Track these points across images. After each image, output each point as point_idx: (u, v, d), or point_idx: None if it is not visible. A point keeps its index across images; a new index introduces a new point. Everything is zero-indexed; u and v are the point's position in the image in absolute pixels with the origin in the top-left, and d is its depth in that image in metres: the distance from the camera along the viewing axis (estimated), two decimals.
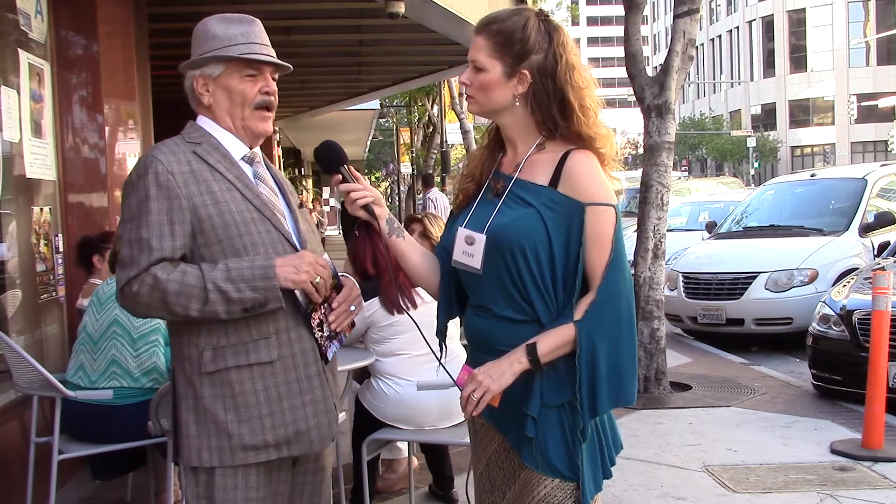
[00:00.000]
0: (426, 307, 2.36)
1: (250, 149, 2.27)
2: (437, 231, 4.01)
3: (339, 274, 2.30)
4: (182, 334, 2.16)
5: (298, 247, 2.23)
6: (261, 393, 2.13)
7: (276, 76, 2.29)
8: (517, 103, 2.10)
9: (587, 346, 2.00)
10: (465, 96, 2.18)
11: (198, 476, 2.15)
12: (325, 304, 2.21)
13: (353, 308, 2.28)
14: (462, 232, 2.13)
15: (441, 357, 2.26)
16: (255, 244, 2.14)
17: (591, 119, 2.10)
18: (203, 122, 2.26)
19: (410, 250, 2.25)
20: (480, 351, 2.14)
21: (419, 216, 4.25)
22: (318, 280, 2.14)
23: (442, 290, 2.24)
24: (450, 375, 2.21)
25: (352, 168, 2.23)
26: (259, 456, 2.13)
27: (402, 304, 3.74)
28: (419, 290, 3.68)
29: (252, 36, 2.22)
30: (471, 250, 2.10)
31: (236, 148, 2.24)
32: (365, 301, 3.81)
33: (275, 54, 2.26)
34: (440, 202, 15.33)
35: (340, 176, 2.20)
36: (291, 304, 2.16)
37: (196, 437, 2.13)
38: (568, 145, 2.10)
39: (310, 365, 2.20)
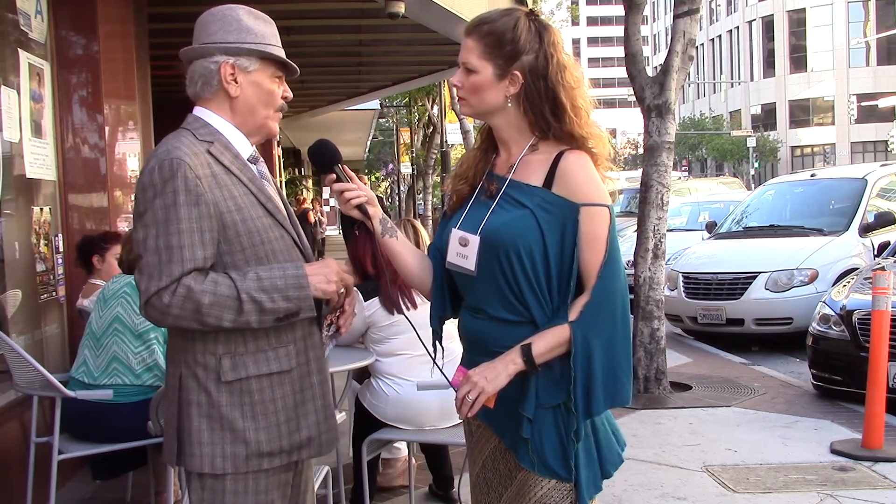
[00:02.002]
0: (426, 308, 2.36)
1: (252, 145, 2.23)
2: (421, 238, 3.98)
3: None
4: (195, 341, 2.08)
5: (305, 250, 2.21)
6: (279, 401, 2.12)
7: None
8: (509, 104, 2.10)
9: (582, 347, 2.00)
10: (457, 98, 2.18)
11: (204, 481, 2.10)
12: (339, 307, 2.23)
13: (356, 311, 2.30)
14: (456, 233, 2.13)
15: (438, 357, 2.26)
16: (276, 251, 2.11)
17: (584, 119, 2.09)
18: (206, 115, 2.15)
19: (404, 251, 2.24)
20: (475, 352, 2.14)
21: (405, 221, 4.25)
22: (343, 290, 2.14)
23: (434, 290, 2.25)
24: (445, 376, 2.20)
25: (346, 167, 2.21)
26: (273, 462, 2.12)
27: (401, 304, 3.74)
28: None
29: (278, 38, 2.21)
30: (465, 252, 2.10)
31: (243, 147, 2.18)
32: (365, 301, 3.82)
33: None
34: None
35: (334, 175, 2.19)
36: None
37: (209, 445, 2.07)
38: (561, 146, 2.10)
39: (322, 371, 2.21)
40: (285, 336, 2.12)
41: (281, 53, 2.18)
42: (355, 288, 2.33)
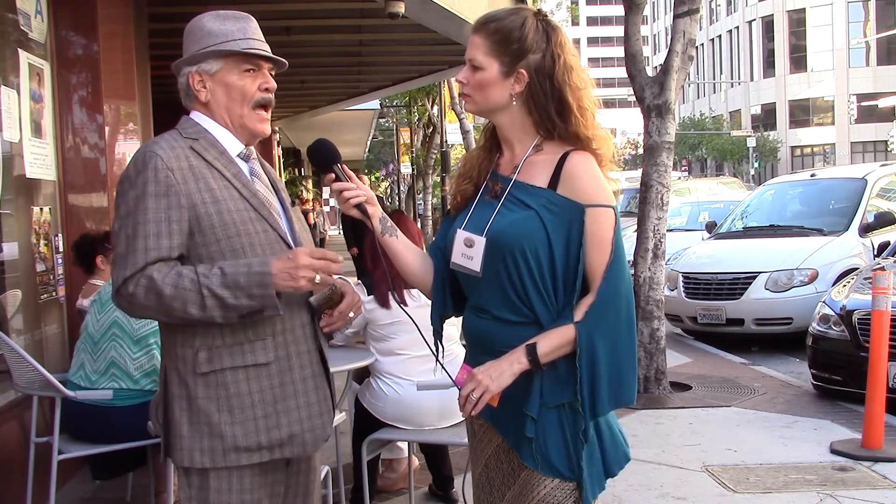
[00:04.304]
0: (426, 310, 2.35)
1: (246, 146, 2.25)
2: None
3: (339, 278, 2.28)
4: (176, 334, 2.12)
5: (293, 246, 2.20)
6: (256, 394, 2.11)
7: (273, 73, 2.26)
8: (514, 103, 2.10)
9: (587, 347, 2.00)
10: (462, 95, 2.17)
11: (191, 478, 2.12)
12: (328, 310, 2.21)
13: (351, 314, 2.27)
14: (461, 234, 2.13)
15: (438, 356, 2.26)
16: (253, 244, 2.11)
17: (589, 120, 2.10)
18: (198, 117, 2.21)
19: (404, 250, 2.24)
20: (479, 352, 2.14)
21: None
22: (317, 279, 2.09)
23: (435, 289, 2.24)
24: (449, 375, 2.21)
25: (345, 167, 2.21)
26: (252, 458, 2.11)
27: (390, 299, 3.74)
28: (415, 290, 3.69)
29: (249, 32, 2.20)
30: (470, 252, 2.10)
31: (233, 145, 2.21)
32: (368, 296, 3.83)
33: (270, 51, 2.25)
34: None
35: (333, 174, 2.19)
36: (289, 306, 2.14)
37: (189, 438, 2.09)
38: (565, 146, 2.10)
39: (305, 367, 2.19)
40: (263, 329, 2.12)
41: (244, 46, 2.17)
42: (360, 282, 2.32)
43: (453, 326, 3.63)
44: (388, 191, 49.30)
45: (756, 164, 49.62)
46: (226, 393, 2.09)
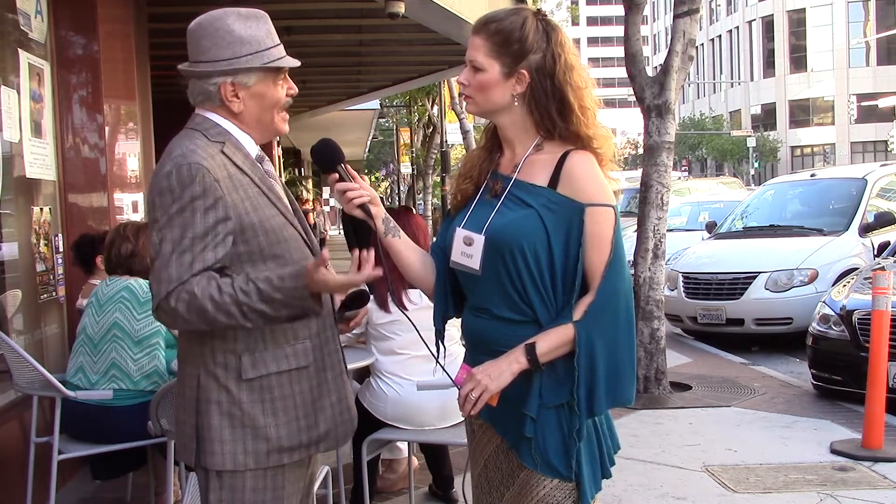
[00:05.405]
0: (426, 311, 2.36)
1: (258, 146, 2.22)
2: None
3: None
4: (215, 340, 2.10)
5: (312, 246, 2.22)
6: (297, 396, 2.14)
7: None
8: (515, 103, 2.10)
9: (586, 347, 2.00)
10: (463, 96, 2.17)
11: (223, 480, 2.10)
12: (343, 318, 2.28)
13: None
14: (460, 232, 2.13)
15: (438, 356, 2.26)
16: (290, 250, 2.13)
17: (590, 119, 2.10)
18: (218, 119, 2.14)
19: (406, 250, 2.24)
20: (479, 352, 2.14)
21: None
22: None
23: (437, 289, 2.24)
24: (448, 375, 2.21)
25: (349, 167, 2.21)
26: (293, 456, 2.14)
27: (389, 303, 3.74)
28: (416, 292, 3.70)
29: (274, 35, 2.17)
30: (469, 251, 2.10)
31: (252, 148, 2.18)
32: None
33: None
34: None
35: (337, 174, 2.19)
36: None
37: (231, 442, 2.08)
38: (566, 145, 2.10)
39: (335, 366, 2.23)
40: (302, 332, 2.14)
41: (278, 54, 2.15)
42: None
43: (455, 327, 3.63)
44: (388, 191, 49.30)
45: (756, 164, 49.62)
46: (270, 396, 2.11)
